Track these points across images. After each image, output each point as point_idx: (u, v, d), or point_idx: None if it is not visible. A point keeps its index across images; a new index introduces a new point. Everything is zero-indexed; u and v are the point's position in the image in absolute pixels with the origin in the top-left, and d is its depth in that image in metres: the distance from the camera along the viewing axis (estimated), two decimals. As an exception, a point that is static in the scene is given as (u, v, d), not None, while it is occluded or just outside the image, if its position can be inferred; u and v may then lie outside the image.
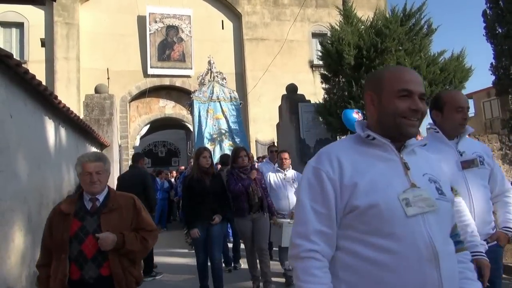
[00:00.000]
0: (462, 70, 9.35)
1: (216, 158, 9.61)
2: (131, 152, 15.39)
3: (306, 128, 10.78)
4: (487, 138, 11.45)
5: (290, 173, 5.14)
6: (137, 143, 15.78)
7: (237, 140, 10.53)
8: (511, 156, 11.49)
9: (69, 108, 5.45)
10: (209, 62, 11.37)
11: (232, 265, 5.90)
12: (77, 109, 12.58)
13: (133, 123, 15.95)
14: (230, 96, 11.20)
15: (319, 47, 11.99)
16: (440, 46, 15.74)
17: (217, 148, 10.36)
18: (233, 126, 10.73)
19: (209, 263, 4.40)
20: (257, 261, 4.61)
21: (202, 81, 11.34)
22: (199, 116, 10.57)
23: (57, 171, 5.23)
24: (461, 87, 9.48)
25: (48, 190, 4.66)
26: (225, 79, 11.62)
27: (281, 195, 4.97)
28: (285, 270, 4.89)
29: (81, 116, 8.29)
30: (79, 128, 6.58)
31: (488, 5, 12.09)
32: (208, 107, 10.70)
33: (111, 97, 9.24)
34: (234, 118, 10.92)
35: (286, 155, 5.15)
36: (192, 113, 11.04)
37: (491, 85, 13.23)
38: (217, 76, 11.35)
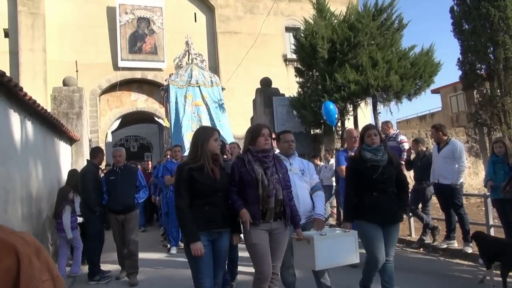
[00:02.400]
0: (431, 65, 9.63)
1: None
2: (102, 146, 15.02)
3: (281, 122, 10.82)
4: (454, 132, 11.85)
5: (297, 162, 3.70)
6: (110, 138, 15.36)
7: (220, 130, 9.76)
8: (477, 149, 11.95)
9: (35, 101, 5.21)
10: (187, 43, 10.24)
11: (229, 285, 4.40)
12: (44, 103, 12.09)
13: (103, 117, 15.53)
14: (211, 81, 9.93)
15: (293, 41, 12.05)
16: (411, 41, 16.22)
17: None
18: (215, 114, 9.46)
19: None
20: None
21: (179, 63, 10.08)
22: (176, 103, 9.35)
23: (23, 166, 5.01)
24: (430, 81, 9.76)
25: (14, 187, 4.46)
26: (204, 62, 10.50)
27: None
28: None
29: (49, 110, 7.99)
30: (46, 122, 6.32)
31: (455, 1, 12.44)
32: (186, 93, 9.46)
33: (80, 90, 8.94)
34: (216, 105, 9.71)
35: (290, 136, 3.76)
36: (168, 99, 9.76)
37: (458, 80, 13.67)
38: (195, 59, 10.12)
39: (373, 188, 3.50)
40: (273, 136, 4.86)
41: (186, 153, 7.98)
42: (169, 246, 6.87)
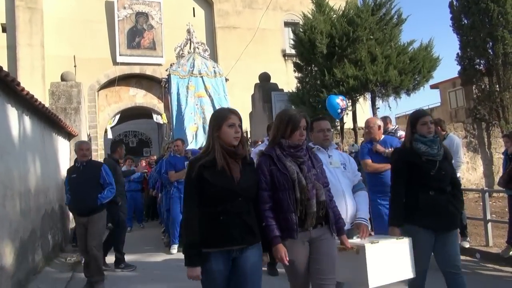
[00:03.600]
0: (430, 60, 9.61)
1: (198, 143, 8.44)
2: (101, 142, 15.01)
3: (279, 117, 10.80)
4: (452, 127, 11.86)
5: (336, 154, 3.08)
6: (110, 135, 15.31)
7: None
8: (475, 144, 11.97)
9: (33, 96, 5.20)
10: (188, 31, 9.76)
11: None
12: (42, 98, 12.04)
13: (102, 112, 15.51)
14: (215, 71, 9.52)
15: (292, 36, 12.01)
16: (410, 36, 16.21)
17: (200, 131, 8.73)
18: (218, 106, 8.90)
19: None
20: None
21: (181, 52, 9.63)
22: (178, 94, 8.92)
23: (22, 161, 5.01)
24: (429, 77, 9.75)
25: (12, 182, 4.46)
26: (207, 51, 10.01)
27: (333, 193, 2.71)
28: None
29: (47, 105, 7.97)
30: (44, 117, 6.31)
31: (454, -4, 12.41)
32: (188, 83, 9.04)
33: (78, 85, 8.92)
34: (219, 96, 9.26)
35: (326, 123, 3.07)
36: (169, 90, 9.31)
37: (457, 75, 13.66)
38: (198, 48, 9.68)
39: (429, 186, 2.95)
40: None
41: (190, 147, 7.80)
42: (170, 244, 6.60)
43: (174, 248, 6.43)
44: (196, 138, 8.67)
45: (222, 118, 2.35)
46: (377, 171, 4.53)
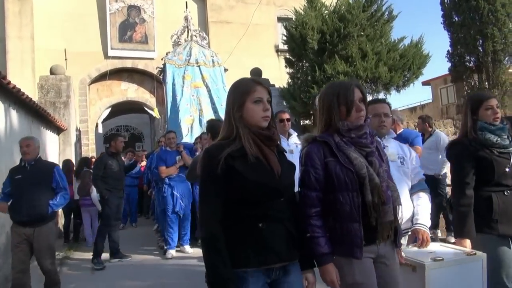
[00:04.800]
0: (420, 57, 9.68)
1: (193, 136, 7.78)
2: (92, 137, 14.93)
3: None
4: (442, 123, 11.97)
5: (394, 145, 2.56)
6: (100, 129, 15.23)
7: (222, 115, 7.85)
8: (464, 140, 12.08)
9: (20, 89, 5.18)
10: (186, 18, 9.31)
11: None
12: (33, 92, 11.95)
13: (93, 106, 15.40)
14: (213, 60, 9.00)
15: (285, 32, 12.00)
16: (400, 33, 16.22)
17: (196, 124, 8.29)
18: (216, 97, 8.51)
19: None
20: None
21: (177, 41, 9.14)
22: (173, 84, 8.46)
23: (8, 155, 4.99)
24: (419, 73, 9.83)
25: (-2, 176, 4.45)
26: (205, 39, 9.54)
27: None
28: None
29: (36, 99, 7.92)
30: (33, 110, 6.28)
31: (446, -7, 12.49)
32: (184, 73, 8.58)
33: (67, 79, 8.86)
34: (217, 87, 8.76)
35: (383, 107, 2.55)
36: (164, 80, 8.85)
37: (448, 72, 13.78)
38: (195, 36, 9.21)
39: (504, 185, 2.40)
40: (287, 117, 4.09)
41: (184, 140, 7.35)
42: (165, 248, 6.03)
43: (170, 253, 5.87)
44: (191, 131, 8.17)
45: (244, 92, 1.72)
46: None
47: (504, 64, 11.59)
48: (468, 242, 2.36)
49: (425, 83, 22.21)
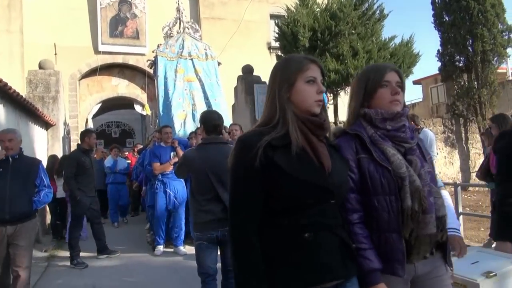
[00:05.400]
0: (410, 56, 9.76)
1: (187, 131, 7.57)
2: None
3: (262, 110, 10.81)
4: (432, 122, 12.09)
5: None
6: (90, 124, 15.11)
7: (216, 109, 7.61)
8: (453, 139, 12.23)
9: (7, 84, 5.11)
10: (178, 9, 8.96)
11: None
12: (21, 86, 11.81)
13: (83, 102, 15.27)
14: (206, 54, 8.74)
15: (277, 29, 12.00)
16: (391, 32, 16.39)
17: (189, 119, 8.01)
18: (209, 91, 8.25)
19: None
20: None
21: (169, 32, 8.81)
22: (165, 78, 8.15)
23: (-5, 150, 4.93)
24: (409, 72, 9.91)
25: (-16, 171, 4.39)
26: (198, 32, 9.20)
27: None
28: None
29: (24, 93, 7.83)
30: (20, 105, 6.21)
31: (437, -7, 12.59)
32: (177, 66, 8.28)
33: (56, 74, 8.76)
34: (211, 81, 8.51)
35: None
36: (155, 72, 8.56)
37: (438, 72, 13.89)
38: (188, 28, 8.89)
39: None
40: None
41: (176, 136, 7.01)
42: (154, 244, 5.95)
43: (159, 249, 5.79)
44: (184, 126, 7.92)
45: (296, 69, 1.42)
46: None
47: (493, 64, 11.73)
48: (509, 245, 2.11)
49: (416, 82, 22.41)
